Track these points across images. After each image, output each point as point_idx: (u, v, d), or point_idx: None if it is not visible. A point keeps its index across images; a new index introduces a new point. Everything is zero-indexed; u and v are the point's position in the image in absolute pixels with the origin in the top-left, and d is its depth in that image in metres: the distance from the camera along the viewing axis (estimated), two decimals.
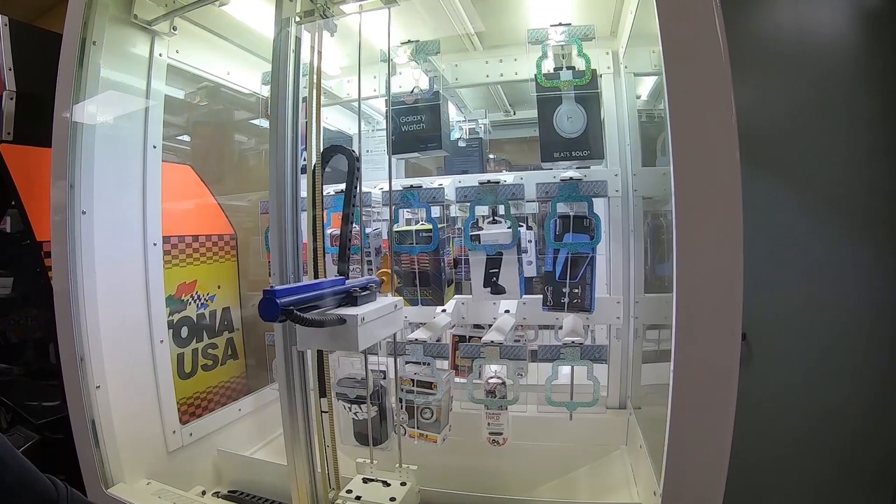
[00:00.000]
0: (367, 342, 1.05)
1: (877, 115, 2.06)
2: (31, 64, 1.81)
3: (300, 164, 1.23)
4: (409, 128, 1.46)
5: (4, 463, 0.91)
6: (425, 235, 1.40)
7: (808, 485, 2.05)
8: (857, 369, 2.00)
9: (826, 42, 2.12)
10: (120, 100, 1.48)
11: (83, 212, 1.38)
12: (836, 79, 2.09)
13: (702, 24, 0.90)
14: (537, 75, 1.37)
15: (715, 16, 0.90)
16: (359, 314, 1.01)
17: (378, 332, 1.12)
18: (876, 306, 1.99)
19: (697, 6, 0.91)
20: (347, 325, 1.00)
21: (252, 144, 2.11)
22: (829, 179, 2.05)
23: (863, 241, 2.02)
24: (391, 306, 1.17)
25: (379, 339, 1.17)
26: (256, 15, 1.55)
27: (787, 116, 2.10)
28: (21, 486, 0.92)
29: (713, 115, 0.89)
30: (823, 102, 2.08)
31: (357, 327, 1.01)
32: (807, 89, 2.10)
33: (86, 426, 1.39)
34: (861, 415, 2.00)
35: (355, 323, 1.01)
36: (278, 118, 1.20)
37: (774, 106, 2.11)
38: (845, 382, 2.01)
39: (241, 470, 1.59)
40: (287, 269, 1.21)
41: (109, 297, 1.42)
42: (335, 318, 0.99)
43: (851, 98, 2.07)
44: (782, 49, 2.12)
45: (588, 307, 1.36)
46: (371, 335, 1.07)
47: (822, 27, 2.14)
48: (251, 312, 1.85)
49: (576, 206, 1.36)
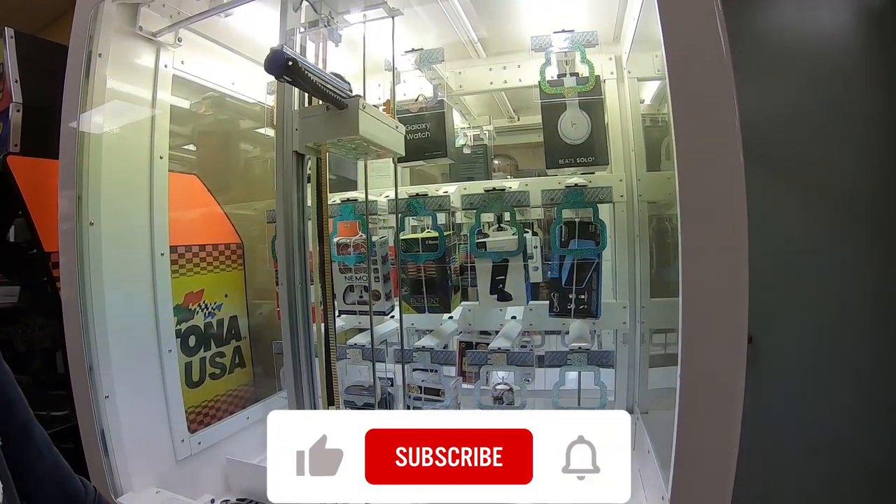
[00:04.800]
0: (367, 129, 1.08)
1: (883, 115, 2.05)
2: (38, 76, 1.82)
3: (306, 174, 1.24)
4: (414, 136, 1.47)
5: (40, 453, 0.92)
6: (431, 243, 1.40)
7: (817, 487, 2.04)
8: (865, 371, 1.99)
9: (830, 42, 2.12)
10: (126, 111, 1.49)
11: (91, 223, 1.39)
12: (841, 79, 2.08)
13: (704, 28, 0.91)
14: (541, 82, 1.38)
15: (717, 19, 0.90)
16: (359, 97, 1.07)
17: (378, 132, 1.15)
18: (883, 308, 1.99)
19: (699, 11, 0.91)
20: (349, 108, 1.04)
21: (258, 153, 2.11)
22: (836, 181, 2.04)
23: (870, 243, 2.02)
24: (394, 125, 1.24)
25: (377, 141, 1.17)
26: (261, 25, 1.55)
27: (793, 118, 2.10)
28: (50, 479, 0.94)
29: (716, 118, 0.89)
30: (829, 103, 2.07)
31: (358, 110, 1.05)
32: (811, 90, 2.09)
33: (95, 436, 1.40)
34: (870, 416, 2.00)
35: (356, 105, 1.05)
36: (284, 128, 1.21)
37: (779, 107, 2.11)
38: (853, 384, 2.00)
39: (250, 478, 1.59)
40: (294, 277, 1.22)
41: (117, 307, 1.43)
42: (337, 92, 1.03)
43: (857, 98, 2.06)
44: (786, 50, 2.12)
45: (594, 313, 1.36)
46: (371, 126, 1.10)
47: (826, 28, 2.14)
48: (258, 321, 1.86)
49: (581, 212, 1.36)
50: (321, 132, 1.11)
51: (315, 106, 1.14)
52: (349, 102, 1.06)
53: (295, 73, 0.94)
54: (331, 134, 1.10)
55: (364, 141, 1.12)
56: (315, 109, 1.13)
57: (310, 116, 1.13)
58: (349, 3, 1.27)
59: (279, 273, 1.23)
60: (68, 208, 1.40)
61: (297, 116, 1.17)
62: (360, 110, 1.07)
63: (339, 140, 1.11)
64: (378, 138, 1.15)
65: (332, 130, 1.09)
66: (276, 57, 0.92)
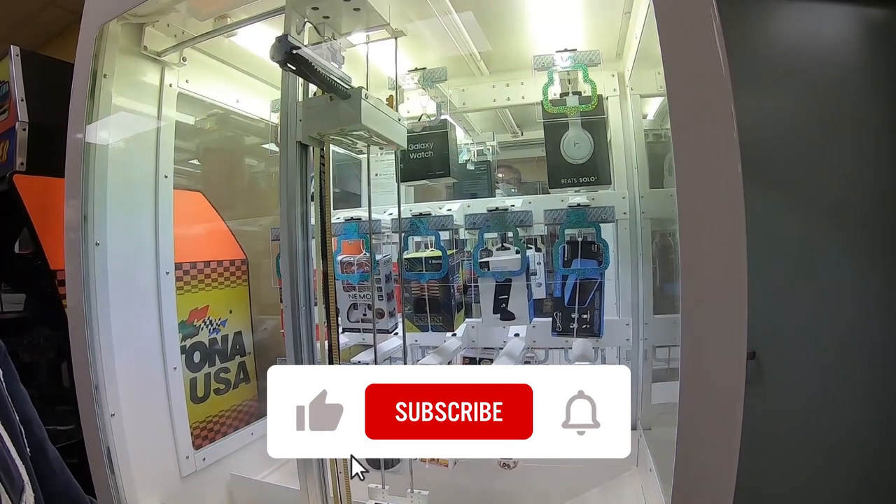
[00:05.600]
0: (370, 119, 1.11)
1: (884, 127, 2.05)
2: (43, 94, 1.83)
3: (310, 192, 1.25)
4: (418, 155, 1.47)
5: (54, 471, 0.95)
6: (435, 263, 1.41)
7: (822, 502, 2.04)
8: (870, 384, 1.99)
9: (832, 55, 2.12)
10: (131, 130, 1.50)
11: (97, 243, 1.40)
12: (843, 92, 2.08)
13: (703, 46, 0.91)
14: (544, 102, 1.38)
15: (716, 36, 0.90)
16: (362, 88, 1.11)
17: (381, 123, 1.18)
18: (888, 321, 1.98)
19: (698, 28, 0.92)
20: (352, 98, 1.07)
21: (262, 168, 2.12)
22: (838, 194, 2.04)
23: (873, 256, 2.01)
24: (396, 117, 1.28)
25: (380, 132, 1.19)
26: (265, 44, 1.55)
27: (794, 131, 2.10)
28: (64, 497, 0.96)
29: (715, 134, 0.90)
30: (830, 116, 2.07)
31: (361, 100, 1.08)
32: (813, 103, 2.09)
33: (101, 453, 1.41)
34: (875, 430, 1.99)
35: (359, 95, 1.08)
36: (288, 148, 1.22)
37: (781, 120, 2.11)
38: (858, 398, 2.00)
39: (254, 494, 1.60)
40: (299, 296, 1.22)
41: (123, 326, 1.44)
42: (340, 83, 1.07)
43: (858, 111, 2.06)
44: (788, 63, 2.12)
45: (597, 332, 1.37)
46: (374, 118, 1.14)
47: (828, 40, 2.14)
48: (263, 336, 1.86)
49: (583, 231, 1.37)
50: (324, 122, 1.14)
51: (319, 96, 1.17)
52: (352, 92, 1.09)
53: (299, 61, 0.98)
54: (334, 123, 1.13)
55: (367, 131, 1.15)
56: (318, 100, 1.16)
57: (313, 107, 1.16)
58: (352, 24, 1.28)
59: (283, 291, 1.23)
60: (74, 219, 1.41)
61: (301, 107, 1.19)
62: (363, 100, 1.10)
63: (341, 130, 1.14)
64: (380, 129, 1.19)
65: (335, 120, 1.12)
66: (281, 45, 0.97)
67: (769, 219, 2.03)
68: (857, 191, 2.04)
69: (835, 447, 2.00)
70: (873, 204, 2.03)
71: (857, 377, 1.99)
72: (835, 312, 2.00)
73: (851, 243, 2.04)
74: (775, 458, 1.90)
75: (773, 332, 1.96)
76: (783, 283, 2.00)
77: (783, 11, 2.14)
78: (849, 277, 2.03)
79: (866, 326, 1.99)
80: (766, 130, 2.05)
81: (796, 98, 2.11)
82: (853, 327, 2.00)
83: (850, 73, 2.10)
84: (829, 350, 2.02)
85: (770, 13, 2.13)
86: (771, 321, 1.93)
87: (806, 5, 2.14)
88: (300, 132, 1.18)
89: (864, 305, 2.01)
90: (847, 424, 2.01)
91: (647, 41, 1.36)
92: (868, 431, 2.00)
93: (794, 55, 2.12)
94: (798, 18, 2.14)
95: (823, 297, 2.03)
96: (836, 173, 2.06)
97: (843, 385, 2.01)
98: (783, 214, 2.07)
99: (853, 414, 2.00)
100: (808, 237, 2.05)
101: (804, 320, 2.02)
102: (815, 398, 2.02)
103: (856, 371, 1.99)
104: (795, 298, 2.02)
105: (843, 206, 2.05)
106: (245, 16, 1.43)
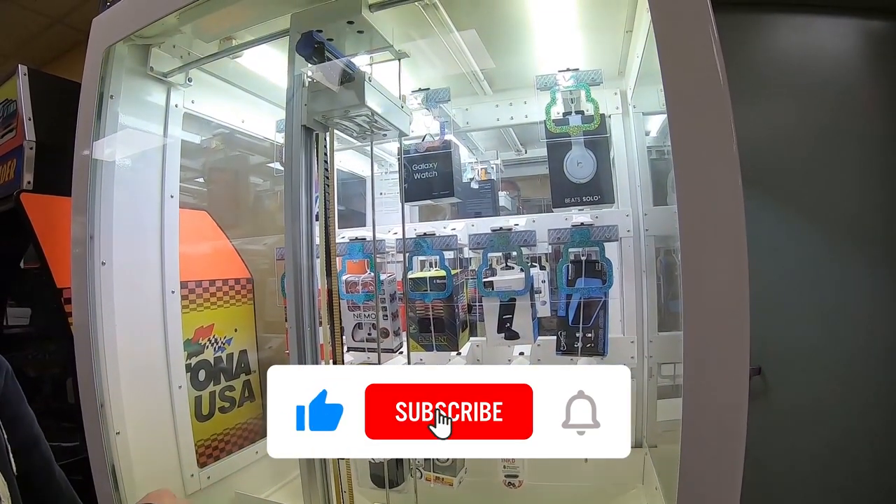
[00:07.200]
0: (373, 102, 1.17)
1: (887, 138, 2.05)
2: (51, 113, 1.84)
3: (314, 212, 1.26)
4: (422, 175, 1.48)
5: (61, 490, 0.99)
6: (439, 282, 1.41)
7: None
8: (877, 398, 1.98)
9: (833, 68, 2.13)
10: (137, 151, 1.51)
11: (103, 263, 1.41)
12: (845, 104, 2.09)
13: (702, 63, 0.91)
14: (546, 122, 1.39)
15: (715, 55, 0.91)
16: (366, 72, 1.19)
17: (384, 106, 1.24)
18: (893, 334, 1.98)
19: (697, 46, 0.92)
20: (355, 80, 1.14)
21: (267, 187, 2.13)
22: (842, 208, 2.04)
23: (878, 269, 2.01)
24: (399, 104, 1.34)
25: (383, 115, 1.24)
26: (270, 64, 1.57)
27: (797, 144, 2.11)
28: None
29: (715, 150, 0.90)
30: (833, 129, 2.08)
31: (364, 82, 1.15)
32: (816, 116, 2.10)
33: (106, 472, 1.41)
34: (883, 444, 1.98)
35: (363, 78, 1.15)
36: (292, 169, 1.23)
37: (784, 133, 2.12)
38: (866, 412, 1.99)
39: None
40: (303, 315, 1.23)
41: (128, 345, 1.45)
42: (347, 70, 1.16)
43: (861, 123, 2.07)
44: (791, 76, 2.13)
45: (601, 351, 1.36)
46: (377, 99, 1.19)
47: (829, 53, 2.15)
48: (268, 355, 1.86)
49: (587, 250, 1.37)
50: (329, 104, 1.19)
51: None
52: (356, 75, 1.16)
53: (321, 54, 1.15)
54: (337, 105, 1.19)
55: (370, 114, 1.20)
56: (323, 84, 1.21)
57: (318, 90, 1.21)
58: (356, 47, 1.29)
59: (288, 311, 1.24)
60: (81, 237, 1.42)
61: (306, 91, 1.23)
62: (367, 83, 1.16)
63: (346, 112, 1.19)
64: (384, 113, 1.23)
65: (339, 102, 1.18)
66: (307, 40, 1.15)
67: (773, 233, 2.04)
68: (860, 204, 2.05)
69: (842, 462, 1.99)
70: (877, 217, 2.03)
71: (864, 391, 1.98)
72: (840, 326, 2.00)
73: (856, 257, 2.04)
74: (781, 473, 1.89)
75: (780, 347, 1.96)
76: (788, 297, 2.00)
77: (785, 25, 2.15)
78: (854, 291, 2.02)
79: (873, 340, 1.98)
80: (769, 144, 2.06)
81: (799, 111, 2.12)
82: (860, 341, 2.00)
83: (851, 85, 2.11)
84: (836, 364, 2.02)
85: (772, 27, 2.14)
86: (777, 336, 1.93)
87: (807, 18, 2.15)
88: (305, 116, 1.21)
89: (870, 319, 2.01)
90: (855, 439, 2.00)
91: (648, 59, 1.37)
92: (876, 446, 1.99)
93: (796, 68, 2.13)
94: (799, 32, 2.15)
95: (828, 311, 2.02)
96: (839, 186, 2.06)
97: (849, 399, 2.00)
98: (787, 228, 2.07)
99: (861, 428, 2.00)
100: (812, 250, 2.06)
101: (810, 335, 2.01)
102: (822, 413, 2.02)
103: (863, 385, 1.99)
104: (800, 312, 2.02)
105: (847, 220, 2.05)
106: (250, 37, 1.45)
